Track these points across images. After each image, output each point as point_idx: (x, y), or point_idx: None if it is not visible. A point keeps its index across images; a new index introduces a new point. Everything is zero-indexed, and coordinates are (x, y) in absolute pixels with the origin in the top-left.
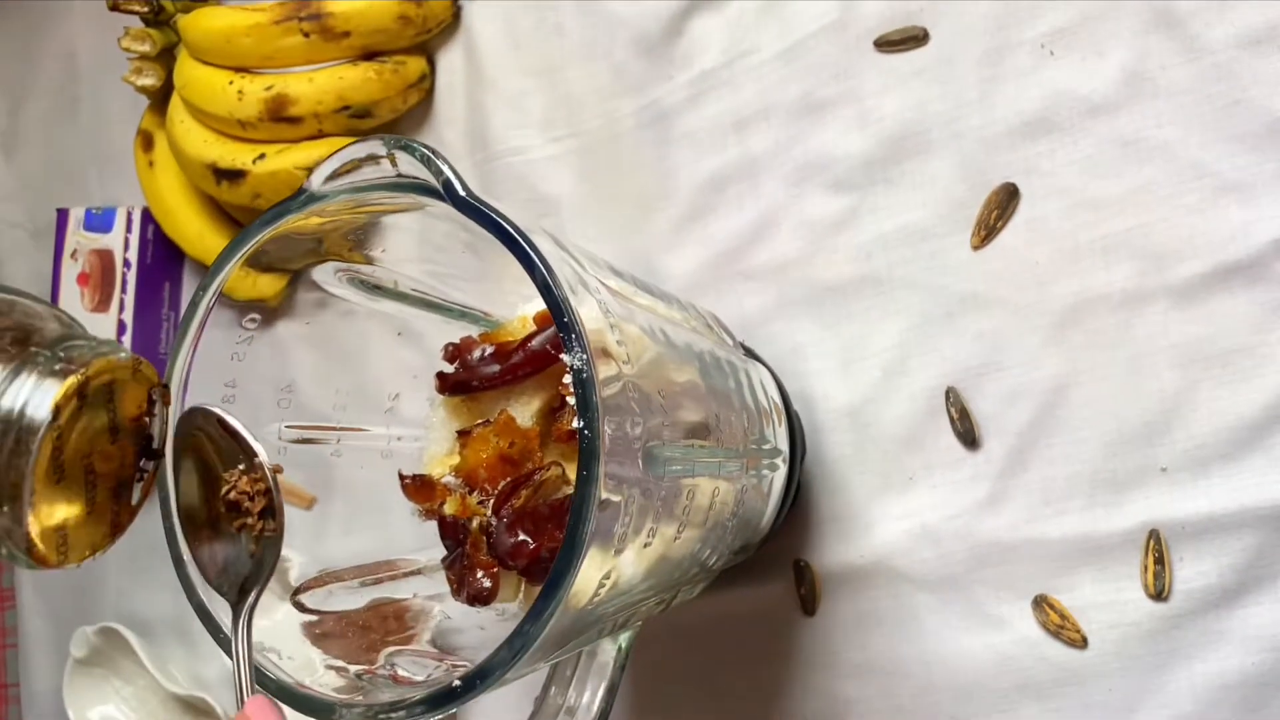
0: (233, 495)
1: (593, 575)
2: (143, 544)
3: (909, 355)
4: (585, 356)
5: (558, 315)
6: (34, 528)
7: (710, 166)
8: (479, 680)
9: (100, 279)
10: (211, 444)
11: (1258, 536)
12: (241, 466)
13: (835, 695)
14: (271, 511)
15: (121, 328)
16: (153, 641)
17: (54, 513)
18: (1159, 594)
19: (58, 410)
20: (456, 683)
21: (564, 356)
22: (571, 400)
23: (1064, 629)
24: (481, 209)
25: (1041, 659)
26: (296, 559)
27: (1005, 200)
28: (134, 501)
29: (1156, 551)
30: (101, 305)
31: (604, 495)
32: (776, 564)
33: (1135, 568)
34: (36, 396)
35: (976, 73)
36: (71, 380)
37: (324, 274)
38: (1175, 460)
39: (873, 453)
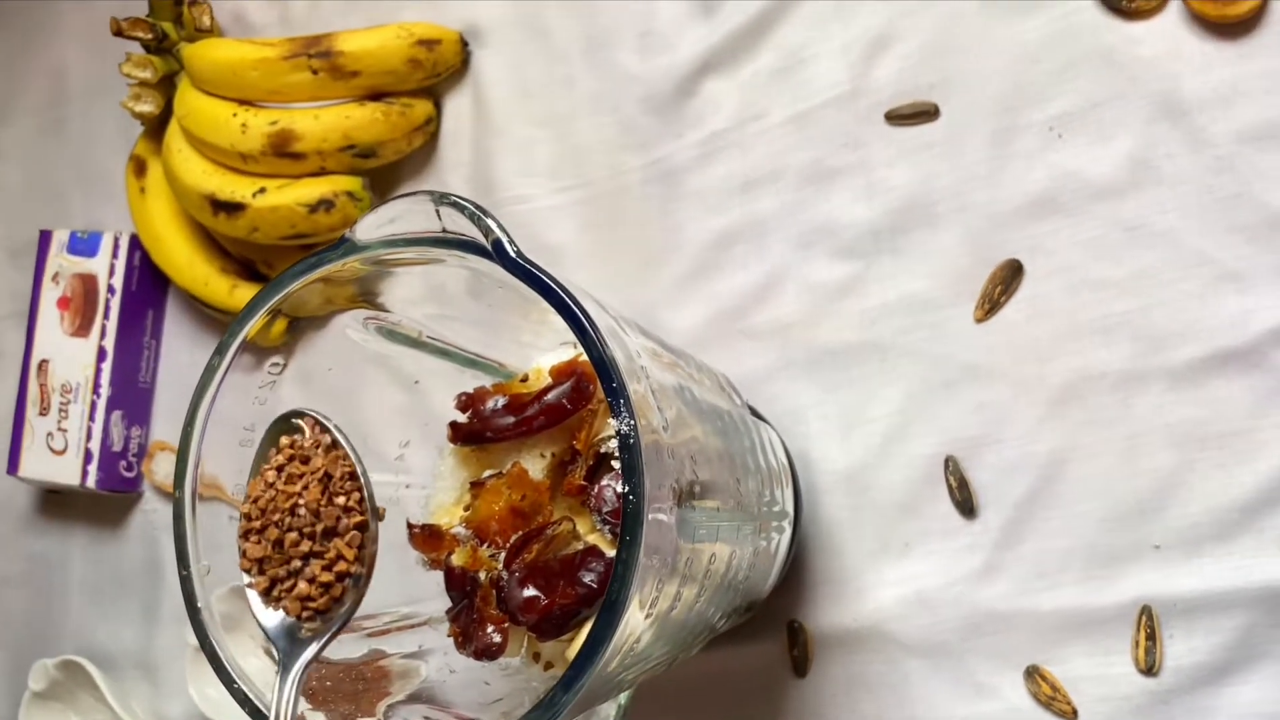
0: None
1: (624, 639)
2: (108, 574)
3: (909, 422)
4: (633, 422)
5: (606, 380)
6: None
7: (717, 225)
8: None
9: (82, 303)
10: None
11: (1248, 616)
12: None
13: None
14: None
15: (102, 354)
16: (115, 676)
17: None
18: (1150, 669)
19: None
20: None
21: (611, 421)
22: (583, 454)
23: (1055, 700)
24: (533, 271)
25: None
26: None
27: (1009, 276)
28: None
29: (1148, 627)
30: (82, 330)
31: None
32: (770, 624)
33: (1127, 642)
34: None
35: (985, 150)
36: None
37: (349, 320)
38: (1168, 538)
39: (870, 517)
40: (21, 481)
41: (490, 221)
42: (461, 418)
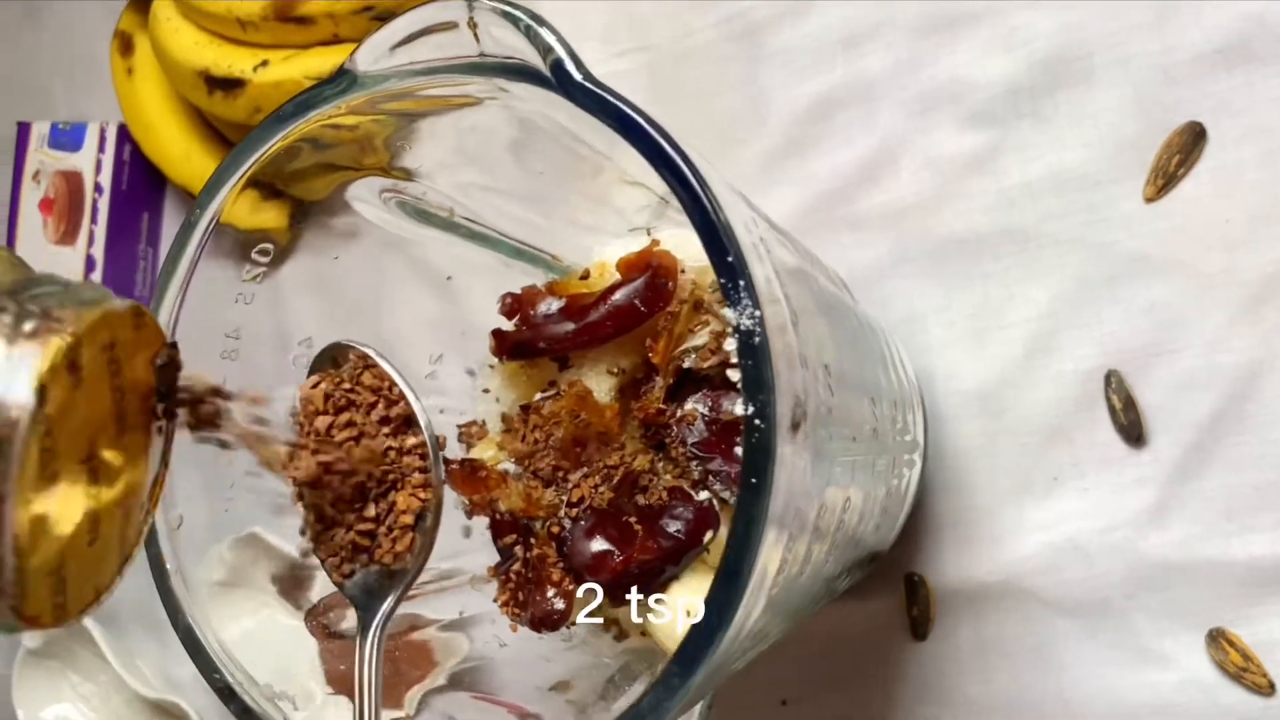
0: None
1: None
2: None
3: (1059, 329)
4: (758, 314)
5: (719, 254)
6: (21, 568)
7: (811, 90)
8: None
9: (67, 206)
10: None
11: None
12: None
13: None
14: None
15: (90, 264)
16: (118, 633)
17: (45, 543)
18: None
19: (44, 391)
20: None
21: (727, 312)
22: (661, 369)
23: (1247, 672)
24: (611, 101)
25: (1215, 705)
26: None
27: (1189, 143)
28: (144, 513)
29: None
30: (68, 237)
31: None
32: (884, 578)
33: None
34: (9, 373)
35: None
36: (57, 344)
37: (364, 192)
38: None
39: (1008, 446)
40: None
41: (548, 35)
42: (508, 325)
